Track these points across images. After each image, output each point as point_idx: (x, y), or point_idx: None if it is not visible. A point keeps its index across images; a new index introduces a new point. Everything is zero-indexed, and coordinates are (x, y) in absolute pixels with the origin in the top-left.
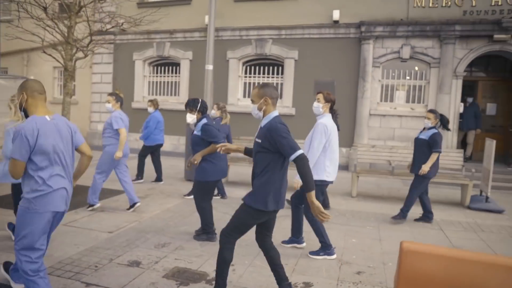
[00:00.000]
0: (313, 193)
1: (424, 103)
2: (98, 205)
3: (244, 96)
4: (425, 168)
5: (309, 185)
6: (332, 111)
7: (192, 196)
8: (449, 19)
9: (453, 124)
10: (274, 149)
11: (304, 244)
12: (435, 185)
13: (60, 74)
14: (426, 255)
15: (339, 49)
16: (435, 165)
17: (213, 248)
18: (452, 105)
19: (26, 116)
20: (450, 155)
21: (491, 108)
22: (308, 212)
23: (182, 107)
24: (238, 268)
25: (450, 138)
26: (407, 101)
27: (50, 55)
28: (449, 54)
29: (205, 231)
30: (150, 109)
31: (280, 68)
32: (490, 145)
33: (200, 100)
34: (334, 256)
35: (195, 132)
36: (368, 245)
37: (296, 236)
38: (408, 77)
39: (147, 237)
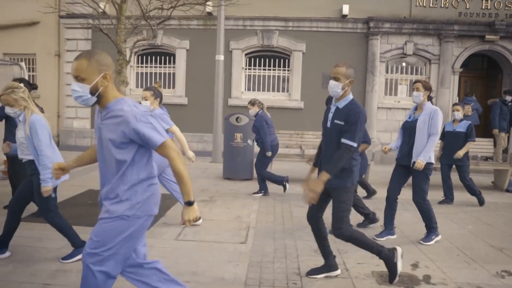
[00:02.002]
0: (326, 176)
1: None
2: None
3: (248, 89)
4: (461, 153)
5: (329, 167)
6: (429, 98)
7: (260, 194)
8: (448, 19)
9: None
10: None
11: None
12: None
13: None
14: None
15: (346, 43)
16: (467, 153)
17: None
18: (451, 99)
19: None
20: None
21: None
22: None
23: (179, 100)
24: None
25: None
26: (409, 95)
27: (107, 34)
28: (449, 51)
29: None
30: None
31: (285, 60)
32: None
33: None
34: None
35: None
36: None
37: (388, 228)
38: (409, 72)
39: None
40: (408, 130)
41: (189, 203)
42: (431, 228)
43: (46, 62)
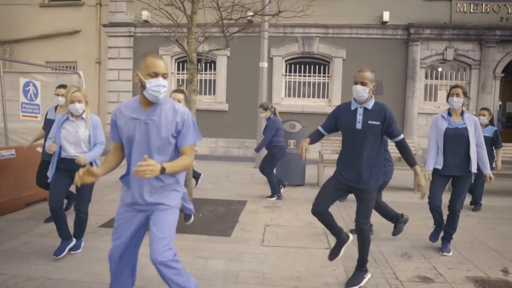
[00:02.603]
0: (417, 167)
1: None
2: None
3: (288, 96)
4: (499, 164)
5: (413, 160)
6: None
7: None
8: (489, 24)
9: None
10: (384, 130)
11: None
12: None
13: None
14: None
15: (386, 50)
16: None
17: (455, 253)
18: (493, 104)
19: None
20: None
21: (510, 106)
22: None
23: (220, 106)
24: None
25: None
26: None
27: (181, 44)
28: (490, 56)
29: (398, 221)
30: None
31: (325, 67)
32: None
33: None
34: None
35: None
36: None
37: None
38: (449, 78)
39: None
40: (457, 138)
41: (163, 169)
42: (451, 235)
43: (87, 69)
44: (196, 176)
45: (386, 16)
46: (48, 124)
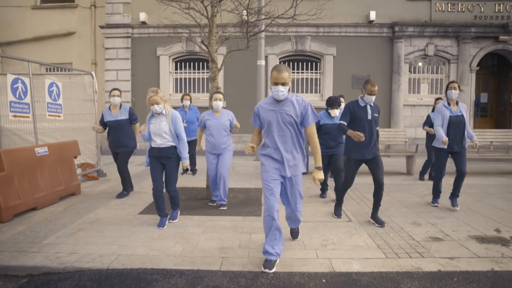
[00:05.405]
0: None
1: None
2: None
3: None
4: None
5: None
6: None
7: None
8: (465, 22)
9: (470, 111)
10: None
11: None
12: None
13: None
14: None
15: (373, 47)
16: None
17: (455, 219)
18: (470, 95)
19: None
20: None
21: (484, 97)
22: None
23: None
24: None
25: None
26: (431, 92)
27: (203, 42)
28: (466, 52)
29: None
30: (187, 103)
31: (317, 64)
32: None
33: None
34: None
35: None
36: None
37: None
38: (431, 72)
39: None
40: (458, 124)
41: (319, 168)
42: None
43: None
44: (193, 168)
45: (372, 15)
46: (109, 125)
